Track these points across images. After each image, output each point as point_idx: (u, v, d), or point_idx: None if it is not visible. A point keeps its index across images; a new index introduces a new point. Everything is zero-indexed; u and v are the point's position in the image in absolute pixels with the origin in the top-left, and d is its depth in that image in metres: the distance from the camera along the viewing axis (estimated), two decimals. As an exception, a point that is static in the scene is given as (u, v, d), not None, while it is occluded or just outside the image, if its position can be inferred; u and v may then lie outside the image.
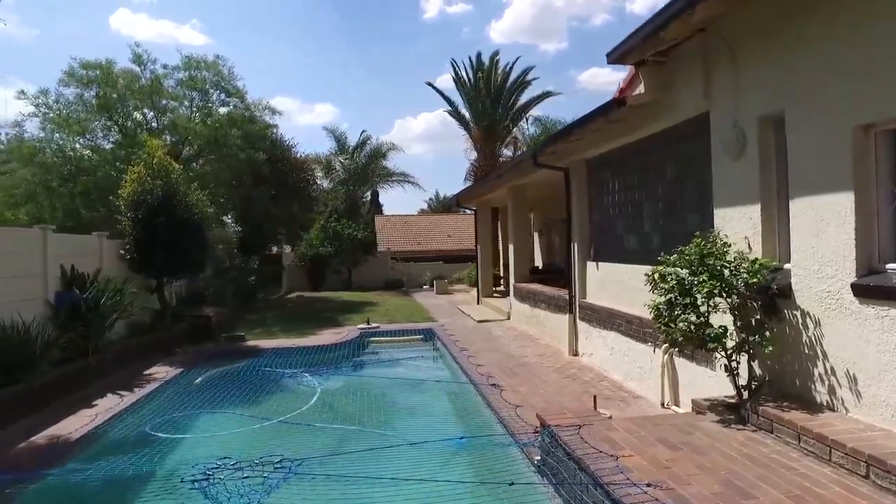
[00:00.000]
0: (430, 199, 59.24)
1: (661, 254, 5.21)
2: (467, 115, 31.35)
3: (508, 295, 14.50)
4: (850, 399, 4.07)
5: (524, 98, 31.26)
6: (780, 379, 4.74)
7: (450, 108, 31.74)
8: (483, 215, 18.29)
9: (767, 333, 4.73)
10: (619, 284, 7.80)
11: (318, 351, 11.44)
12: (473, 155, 31.40)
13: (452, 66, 31.05)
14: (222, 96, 17.61)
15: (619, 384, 7.54)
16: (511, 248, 13.89)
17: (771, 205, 4.89)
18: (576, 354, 9.39)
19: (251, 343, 11.83)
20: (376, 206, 64.61)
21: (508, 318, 14.11)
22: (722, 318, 4.72)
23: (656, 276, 5.00)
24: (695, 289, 4.65)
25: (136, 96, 15.65)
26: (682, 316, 4.73)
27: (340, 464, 5.07)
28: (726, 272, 4.69)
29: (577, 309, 9.33)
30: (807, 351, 4.44)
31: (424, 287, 26.94)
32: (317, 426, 6.99)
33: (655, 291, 5.03)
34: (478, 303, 18.10)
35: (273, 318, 15.58)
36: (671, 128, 6.46)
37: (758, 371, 4.95)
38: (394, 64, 73.15)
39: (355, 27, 72.56)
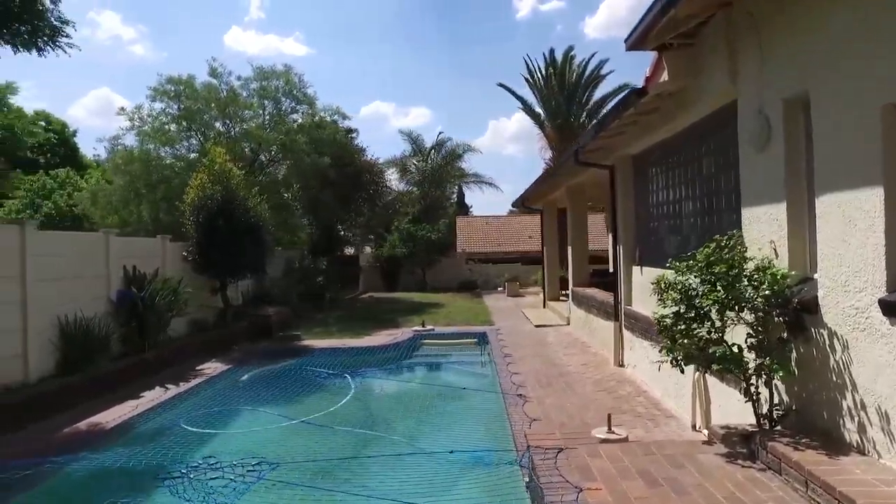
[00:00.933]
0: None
1: (670, 260, 4.63)
2: (542, 113, 30.51)
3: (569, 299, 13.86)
4: (882, 441, 3.35)
5: (599, 93, 29.97)
6: (807, 409, 4.03)
7: (523, 107, 31.08)
8: (549, 216, 17.66)
9: (793, 355, 4.06)
10: (659, 292, 7.11)
11: (366, 352, 11.56)
12: (549, 154, 30.50)
13: (526, 63, 30.40)
14: (292, 104, 18.41)
15: (657, 401, 6.87)
16: (569, 250, 13.25)
17: (799, 204, 4.17)
18: (621, 365, 8.72)
19: (305, 342, 12.20)
20: (461, 207, 65.07)
21: (568, 324, 13.49)
22: (741, 335, 4.11)
23: (662, 283, 4.45)
24: (698, 300, 4.07)
25: (215, 107, 16.76)
26: (689, 331, 4.16)
27: (323, 468, 5.00)
28: (743, 282, 4.07)
29: (623, 316, 8.66)
30: (834, 378, 3.73)
31: (498, 289, 26.57)
32: (336, 428, 7.01)
33: (662, 302, 4.48)
34: (543, 306, 17.51)
35: (336, 319, 16.01)
36: (704, 119, 5.77)
37: (784, 398, 4.26)
38: (486, 65, 73.07)
39: (449, 30, 73.30)
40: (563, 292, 18.32)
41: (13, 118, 10.62)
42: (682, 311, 4.25)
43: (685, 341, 4.13)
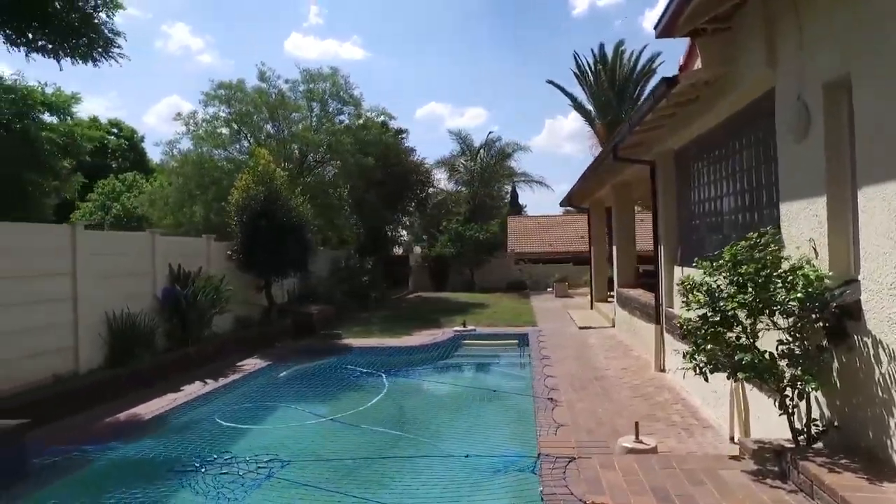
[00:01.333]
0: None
1: (696, 259, 4.31)
2: (592, 110, 29.65)
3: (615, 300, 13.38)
4: (932, 464, 2.96)
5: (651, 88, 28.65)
6: (849, 426, 3.64)
7: (573, 104, 30.29)
8: (596, 215, 17.13)
9: (834, 365, 3.68)
10: (700, 294, 6.69)
11: (405, 352, 11.55)
12: (598, 151, 29.61)
13: (575, 59, 29.64)
14: (339, 105, 18.71)
15: (695, 409, 6.46)
16: (614, 249, 12.78)
17: (840, 198, 3.77)
18: (662, 370, 8.29)
19: (345, 341, 12.32)
20: (515, 207, 64.33)
21: (612, 326, 13.02)
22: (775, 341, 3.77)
23: (688, 284, 4.14)
24: (722, 303, 3.75)
25: (265, 110, 17.26)
26: (715, 336, 3.86)
27: (335, 467, 4.96)
28: (776, 284, 3.72)
29: (664, 319, 8.22)
30: (881, 394, 3.34)
31: (548, 290, 26.06)
32: (363, 427, 7.00)
33: (686, 304, 4.17)
34: (590, 308, 17.01)
35: (379, 318, 16.12)
36: (743, 109, 5.37)
37: (825, 412, 3.86)
38: (542, 63, 71.99)
39: (505, 29, 72.67)
40: (611, 293, 17.78)
41: (73, 125, 11.32)
42: (708, 314, 3.95)
43: (710, 347, 3.83)
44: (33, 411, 6.21)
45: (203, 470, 4.39)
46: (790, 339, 3.74)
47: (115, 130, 34.51)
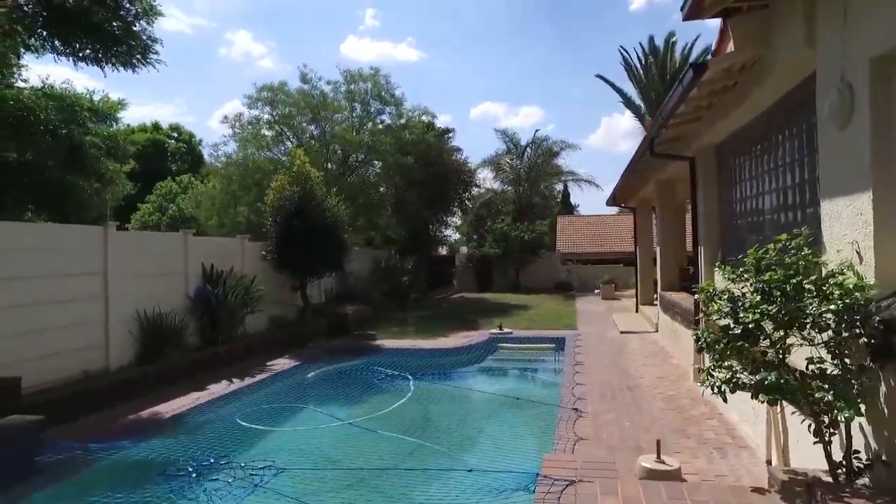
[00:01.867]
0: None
1: (717, 262, 3.85)
2: (642, 105, 28.44)
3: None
4: None
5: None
6: (897, 459, 3.10)
7: (623, 100, 29.16)
8: (643, 215, 16.36)
9: (880, 388, 3.16)
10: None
11: (437, 354, 11.32)
12: (651, 148, 28.35)
13: (622, 53, 28.50)
14: (380, 105, 18.70)
15: (732, 426, 5.90)
16: (658, 251, 12.09)
17: (890, 193, 3.23)
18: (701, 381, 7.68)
19: (378, 342, 12.22)
20: (566, 207, 62.93)
21: (656, 331, 12.34)
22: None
23: (703, 295, 3.70)
24: (742, 313, 3.30)
25: (308, 110, 17.45)
26: (736, 350, 3.41)
27: (336, 476, 4.77)
28: (810, 292, 3.24)
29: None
30: (933, 423, 2.82)
31: (595, 291, 25.23)
32: (379, 433, 6.81)
33: (705, 314, 3.73)
34: (636, 311, 16.26)
35: (417, 319, 15.98)
36: (783, 98, 4.81)
37: (872, 443, 3.33)
38: (598, 60, 70.43)
39: (561, 27, 71.53)
40: (656, 296, 16.97)
41: (117, 131, 11.77)
42: (730, 325, 3.50)
43: (729, 363, 3.38)
44: (57, 407, 6.39)
45: (195, 475, 4.30)
46: (826, 356, 3.24)
47: (174, 135, 36.10)
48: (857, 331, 3.17)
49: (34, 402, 6.15)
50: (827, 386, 3.07)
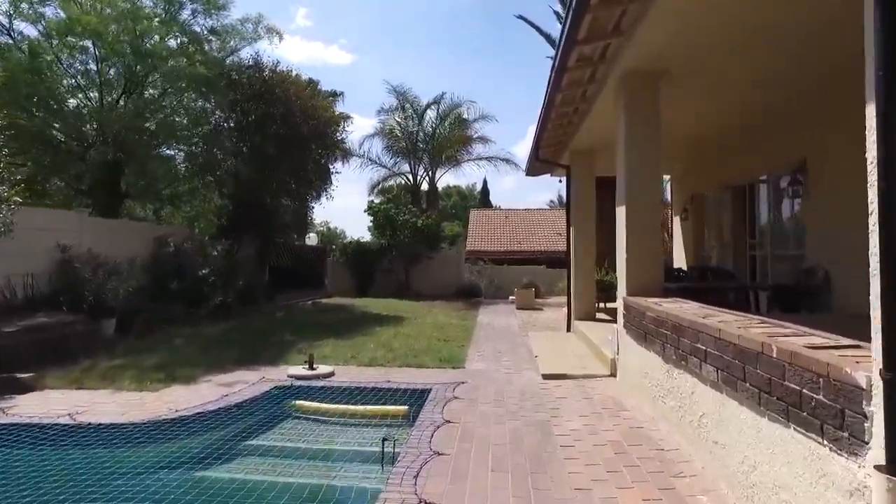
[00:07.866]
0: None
1: None
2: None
3: (617, 321, 6.56)
4: None
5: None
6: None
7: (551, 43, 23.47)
8: (582, 176, 10.42)
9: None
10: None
11: (127, 433, 4.60)
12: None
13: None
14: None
15: None
16: (623, 231, 5.98)
17: None
18: None
19: (11, 402, 5.28)
20: (484, 202, 57.17)
21: (612, 374, 6.25)
22: None
23: None
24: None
25: None
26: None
27: None
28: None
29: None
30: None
31: (511, 298, 19.26)
32: None
33: None
34: (567, 329, 10.26)
35: (187, 340, 8.98)
36: None
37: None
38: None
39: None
40: (607, 305, 11.10)
41: None
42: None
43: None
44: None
45: None
46: None
47: None
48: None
49: None
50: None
